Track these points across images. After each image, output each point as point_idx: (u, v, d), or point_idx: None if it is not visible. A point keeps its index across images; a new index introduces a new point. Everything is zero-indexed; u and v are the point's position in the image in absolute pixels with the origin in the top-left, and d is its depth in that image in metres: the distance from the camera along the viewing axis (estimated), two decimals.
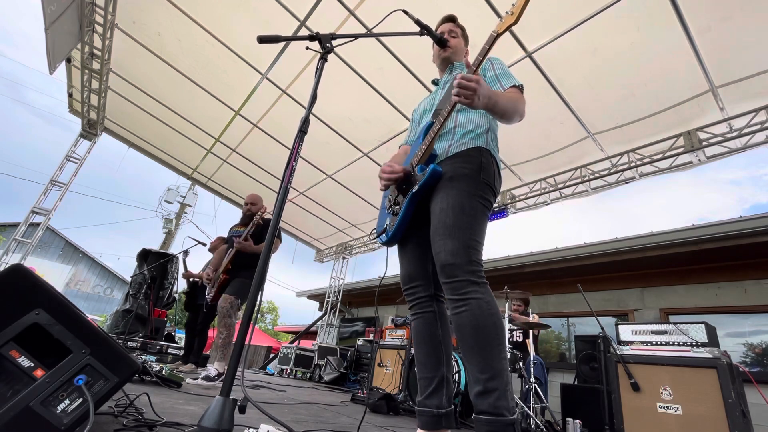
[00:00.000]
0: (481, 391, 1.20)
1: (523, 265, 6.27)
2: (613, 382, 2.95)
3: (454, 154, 1.46)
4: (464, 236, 1.30)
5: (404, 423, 2.69)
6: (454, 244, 1.29)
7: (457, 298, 1.27)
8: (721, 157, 4.30)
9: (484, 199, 1.39)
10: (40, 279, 0.99)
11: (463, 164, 1.42)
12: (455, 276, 1.27)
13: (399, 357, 4.79)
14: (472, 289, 1.26)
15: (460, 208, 1.33)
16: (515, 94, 1.48)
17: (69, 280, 22.27)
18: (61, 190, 5.94)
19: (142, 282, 5.50)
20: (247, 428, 1.25)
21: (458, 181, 1.38)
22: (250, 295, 1.16)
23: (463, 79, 1.23)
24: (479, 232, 1.34)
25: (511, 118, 1.41)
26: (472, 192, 1.36)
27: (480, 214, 1.36)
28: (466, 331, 1.25)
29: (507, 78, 1.57)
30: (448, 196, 1.37)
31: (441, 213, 1.36)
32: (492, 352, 1.21)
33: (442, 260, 1.31)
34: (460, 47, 1.84)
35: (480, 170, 1.41)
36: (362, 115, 5.08)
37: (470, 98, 1.25)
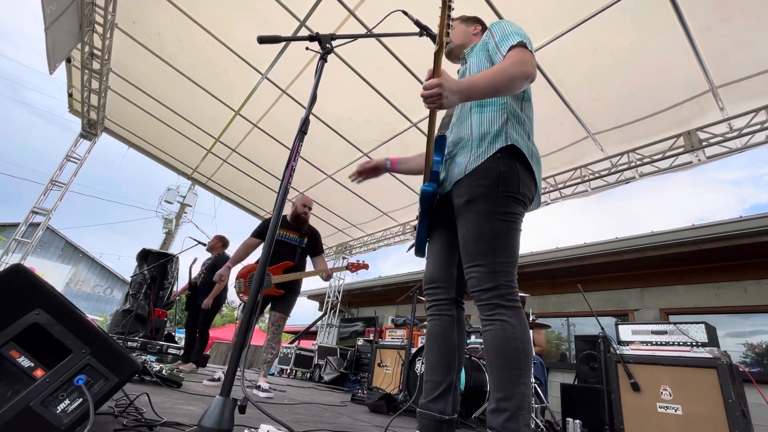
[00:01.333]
0: (494, 409, 1.20)
1: (523, 265, 6.27)
2: (613, 382, 2.95)
3: (471, 171, 1.34)
4: (488, 262, 1.26)
5: (404, 423, 2.69)
6: (480, 272, 1.27)
7: (485, 318, 1.28)
8: (721, 157, 4.30)
9: (506, 214, 1.29)
10: (40, 279, 0.99)
11: (479, 181, 1.32)
12: (482, 300, 1.27)
13: (399, 357, 4.80)
14: (500, 312, 1.24)
15: (479, 234, 1.28)
16: (508, 59, 1.32)
17: (69, 280, 22.27)
18: (61, 190, 5.94)
19: (142, 282, 5.50)
20: (247, 428, 1.25)
21: (475, 203, 1.31)
22: (251, 295, 1.16)
23: (424, 88, 1.20)
24: (505, 253, 1.27)
25: (509, 89, 1.29)
26: (490, 212, 1.28)
27: (503, 233, 1.28)
28: (489, 349, 1.25)
29: (505, 41, 1.39)
30: (467, 221, 1.32)
31: (463, 241, 1.33)
32: (510, 374, 1.20)
33: (470, 286, 1.31)
34: (461, 32, 1.72)
35: (498, 184, 1.30)
36: (362, 115, 5.08)
37: (438, 102, 1.21)
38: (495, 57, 1.41)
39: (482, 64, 1.45)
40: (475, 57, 1.52)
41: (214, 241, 4.85)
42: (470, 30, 1.73)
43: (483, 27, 1.74)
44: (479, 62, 1.47)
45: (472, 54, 1.60)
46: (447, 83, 1.19)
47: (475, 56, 1.52)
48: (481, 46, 1.51)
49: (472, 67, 1.50)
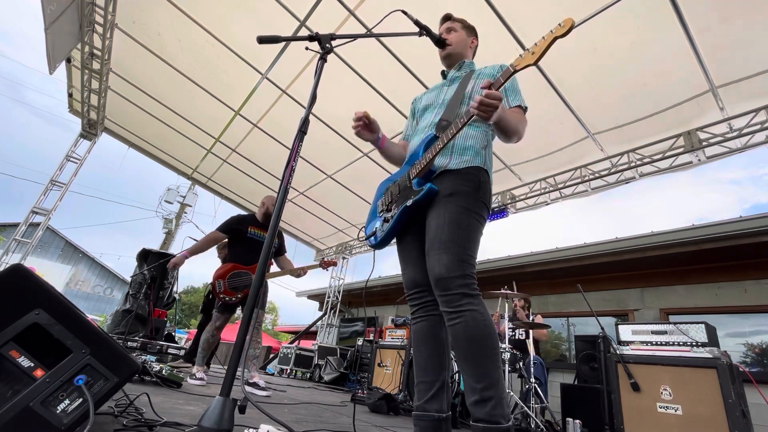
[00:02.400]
0: (477, 400, 1.22)
1: (523, 265, 6.27)
2: (613, 382, 2.95)
3: (455, 170, 1.47)
4: (459, 251, 1.33)
5: (404, 423, 2.69)
6: (449, 259, 1.32)
7: (451, 311, 1.30)
8: (721, 157, 4.30)
9: (479, 215, 1.43)
10: (40, 279, 0.99)
11: (463, 182, 1.44)
12: (449, 289, 1.31)
13: (399, 357, 4.79)
14: (466, 301, 1.29)
15: (457, 224, 1.37)
16: (519, 115, 1.53)
17: (69, 280, 22.27)
18: (61, 190, 5.94)
19: (142, 282, 5.49)
20: (247, 428, 1.25)
21: (457, 197, 1.41)
22: (251, 295, 1.17)
23: (488, 97, 1.24)
24: (473, 248, 1.38)
25: (511, 137, 1.47)
26: (469, 208, 1.40)
27: (475, 230, 1.39)
28: (461, 342, 1.28)
29: (515, 96, 1.58)
30: (446, 211, 1.39)
31: (437, 228, 1.39)
32: (487, 362, 1.24)
33: (436, 274, 1.34)
34: (462, 40, 1.79)
35: (478, 189, 1.45)
36: None
37: (489, 114, 1.26)
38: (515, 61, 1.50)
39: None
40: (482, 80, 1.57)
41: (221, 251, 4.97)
42: (469, 42, 1.83)
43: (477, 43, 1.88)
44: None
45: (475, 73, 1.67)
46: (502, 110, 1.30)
47: (482, 79, 1.58)
48: (491, 75, 1.60)
49: (477, 86, 1.59)
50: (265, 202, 3.73)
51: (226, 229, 3.54)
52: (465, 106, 1.57)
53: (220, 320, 3.37)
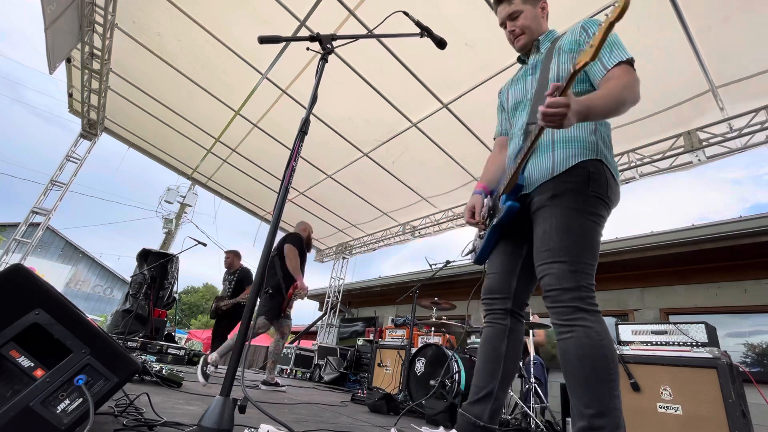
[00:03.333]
0: (585, 427, 1.07)
1: None
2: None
3: (558, 174, 1.27)
4: (571, 259, 1.18)
5: (404, 423, 2.69)
6: (560, 269, 1.18)
7: (562, 324, 1.17)
8: (721, 157, 4.30)
9: (594, 215, 1.23)
10: (40, 279, 0.99)
11: (567, 178, 1.25)
12: (560, 302, 1.17)
13: (399, 357, 4.79)
14: (580, 315, 1.15)
15: (566, 229, 1.20)
16: (619, 80, 1.20)
17: (69, 280, 22.27)
18: (61, 190, 5.94)
19: (142, 282, 5.49)
20: (247, 428, 1.25)
21: (562, 197, 1.23)
22: (250, 295, 1.17)
23: (549, 107, 1.06)
24: (589, 254, 1.20)
25: (619, 112, 1.18)
26: (579, 209, 1.21)
27: (590, 233, 1.21)
28: (570, 359, 1.14)
29: (609, 52, 1.26)
30: (551, 216, 1.23)
31: (544, 235, 1.24)
32: (601, 387, 1.09)
33: (545, 284, 1.21)
34: (532, 18, 1.51)
35: (588, 182, 1.23)
36: (362, 115, 5.08)
37: (559, 123, 1.08)
38: (593, 66, 1.29)
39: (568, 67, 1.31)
40: (564, 56, 1.35)
41: (231, 257, 5.20)
42: (538, 12, 1.53)
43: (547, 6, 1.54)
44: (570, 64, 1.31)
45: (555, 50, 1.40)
46: (573, 104, 1.07)
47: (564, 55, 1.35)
48: (572, 44, 1.34)
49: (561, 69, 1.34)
50: (307, 227, 4.13)
51: (300, 247, 3.83)
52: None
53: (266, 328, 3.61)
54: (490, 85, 4.18)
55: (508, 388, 1.40)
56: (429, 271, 4.73)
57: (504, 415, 3.29)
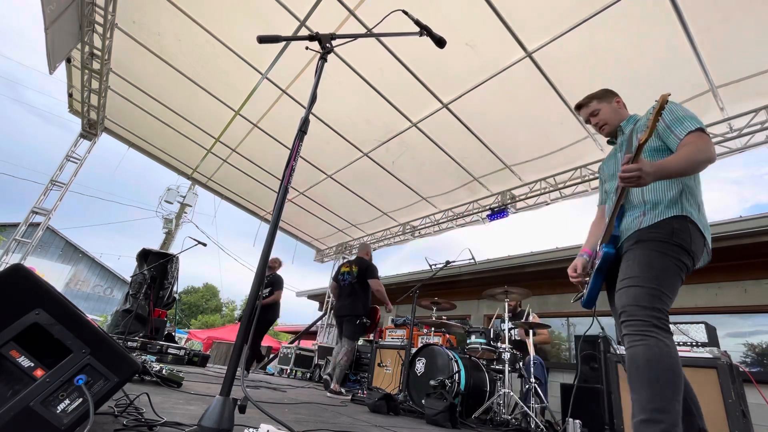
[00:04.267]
0: (646, 419, 1.15)
1: (524, 265, 6.27)
2: (613, 382, 2.95)
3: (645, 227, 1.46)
4: (649, 285, 1.31)
5: (404, 423, 2.68)
6: (638, 291, 1.31)
7: (634, 333, 1.27)
8: (721, 157, 4.30)
9: (676, 259, 1.36)
10: (40, 279, 0.99)
11: (652, 230, 1.43)
12: (636, 316, 1.28)
13: (399, 357, 4.79)
14: (654, 330, 1.25)
15: (647, 262, 1.36)
16: (690, 146, 1.41)
17: (69, 280, 22.27)
18: (61, 190, 5.94)
19: (142, 282, 5.49)
20: (247, 428, 1.25)
21: (646, 243, 1.41)
22: (250, 294, 1.16)
23: (624, 172, 1.31)
24: (666, 286, 1.32)
25: (694, 172, 1.43)
26: (661, 250, 1.37)
27: (670, 271, 1.34)
28: (639, 362, 1.23)
29: (680, 124, 1.50)
30: (635, 255, 1.41)
31: (626, 269, 1.41)
32: (665, 389, 1.18)
33: (622, 304, 1.33)
34: (609, 112, 1.82)
35: (672, 234, 1.40)
36: (362, 115, 5.08)
37: (636, 183, 1.31)
38: (668, 139, 1.52)
39: (652, 141, 1.55)
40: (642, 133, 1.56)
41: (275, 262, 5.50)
42: (614, 105, 1.84)
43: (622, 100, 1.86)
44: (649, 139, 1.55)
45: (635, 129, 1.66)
46: (645, 167, 1.30)
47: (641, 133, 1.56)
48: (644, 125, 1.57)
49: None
50: (368, 251, 4.56)
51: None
52: None
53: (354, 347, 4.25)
54: (490, 85, 4.19)
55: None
56: (429, 271, 4.73)
57: (504, 415, 3.29)
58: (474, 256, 4.14)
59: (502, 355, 3.52)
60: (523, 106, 4.40)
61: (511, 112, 4.52)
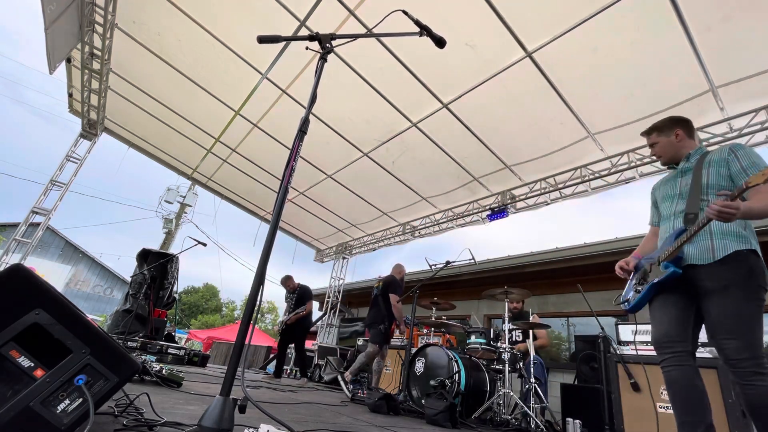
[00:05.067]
0: None
1: (523, 265, 6.27)
2: (613, 382, 2.95)
3: (720, 259, 1.60)
4: (746, 337, 1.50)
5: (404, 423, 2.69)
6: (738, 344, 1.50)
7: (744, 383, 1.49)
8: None
9: (758, 299, 1.55)
10: (40, 279, 0.99)
11: (733, 272, 1.58)
12: (740, 367, 1.49)
13: (399, 357, 4.79)
14: (758, 378, 1.46)
15: (738, 314, 1.53)
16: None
17: (69, 280, 22.26)
18: (61, 190, 5.94)
19: (142, 282, 5.49)
20: (247, 428, 1.25)
21: (732, 289, 1.55)
22: (250, 295, 1.16)
23: (724, 207, 1.43)
24: (759, 331, 1.53)
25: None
26: (747, 297, 1.54)
27: (757, 314, 1.54)
28: (758, 408, 1.46)
29: (756, 169, 1.62)
30: (725, 304, 1.56)
31: (719, 317, 1.56)
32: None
33: (726, 355, 1.53)
34: (666, 145, 1.95)
35: (750, 276, 1.56)
36: (362, 115, 5.08)
37: (727, 219, 1.45)
38: (739, 179, 1.66)
39: (721, 179, 1.72)
40: (713, 168, 1.75)
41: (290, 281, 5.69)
42: (673, 139, 1.95)
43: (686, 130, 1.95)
44: (718, 175, 1.72)
45: (705, 162, 1.80)
46: (741, 207, 1.45)
47: (714, 167, 1.75)
48: (721, 161, 1.74)
49: (711, 177, 1.74)
50: (401, 270, 4.97)
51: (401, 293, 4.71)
52: (705, 198, 1.71)
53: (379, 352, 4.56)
54: (490, 85, 4.19)
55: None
56: (429, 271, 4.73)
57: (504, 415, 3.29)
58: (474, 256, 4.13)
59: (502, 355, 3.52)
60: (523, 106, 4.40)
61: (511, 112, 4.52)
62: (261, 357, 10.62)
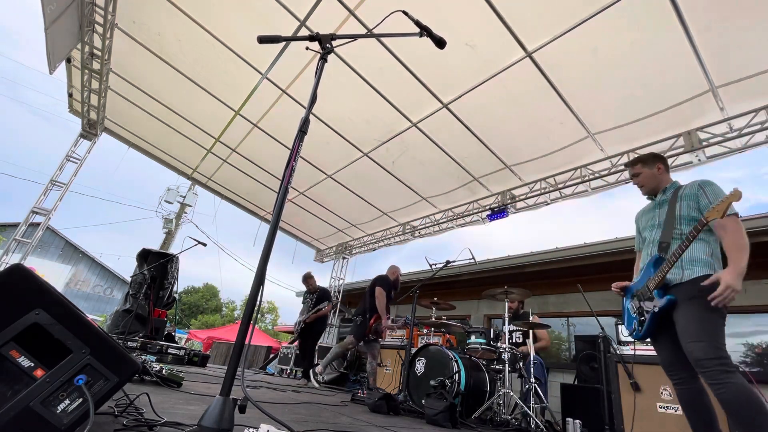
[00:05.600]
0: None
1: (523, 265, 6.27)
2: (613, 382, 2.95)
3: (689, 280, 1.84)
4: (710, 339, 1.67)
5: (404, 423, 2.69)
6: (705, 345, 1.66)
7: (714, 383, 1.61)
8: (721, 157, 4.30)
9: (719, 311, 1.73)
10: (40, 279, 0.99)
11: (697, 286, 1.78)
12: (709, 367, 1.63)
13: (399, 357, 4.79)
14: (726, 376, 1.59)
15: (701, 320, 1.73)
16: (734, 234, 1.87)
17: (69, 280, 22.27)
18: (61, 190, 5.94)
19: (142, 282, 5.48)
20: (247, 428, 1.25)
21: (696, 300, 1.76)
22: (250, 295, 1.16)
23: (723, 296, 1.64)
24: (720, 336, 1.70)
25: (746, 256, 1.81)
26: (708, 307, 1.71)
27: (717, 321, 1.72)
28: (732, 405, 1.57)
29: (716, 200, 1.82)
30: (690, 311, 1.77)
31: (686, 324, 1.76)
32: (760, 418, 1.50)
33: (696, 357, 1.68)
34: (648, 177, 2.19)
35: (712, 291, 1.72)
36: (362, 115, 5.08)
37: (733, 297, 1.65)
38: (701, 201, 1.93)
39: (692, 211, 1.95)
40: (685, 202, 1.99)
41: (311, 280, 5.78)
42: (655, 172, 2.19)
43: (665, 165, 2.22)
44: (689, 207, 1.96)
45: (678, 196, 2.03)
46: (735, 283, 1.68)
47: (685, 201, 1.99)
48: (691, 195, 1.97)
49: (683, 210, 1.98)
50: (396, 271, 4.96)
51: (387, 289, 4.70)
52: (678, 227, 1.96)
53: (354, 345, 4.64)
54: (490, 85, 4.19)
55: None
56: (429, 271, 4.73)
57: (504, 415, 3.29)
58: (474, 256, 4.13)
59: (502, 355, 3.52)
60: (523, 106, 4.40)
61: (511, 112, 4.52)
62: (261, 357, 10.62)
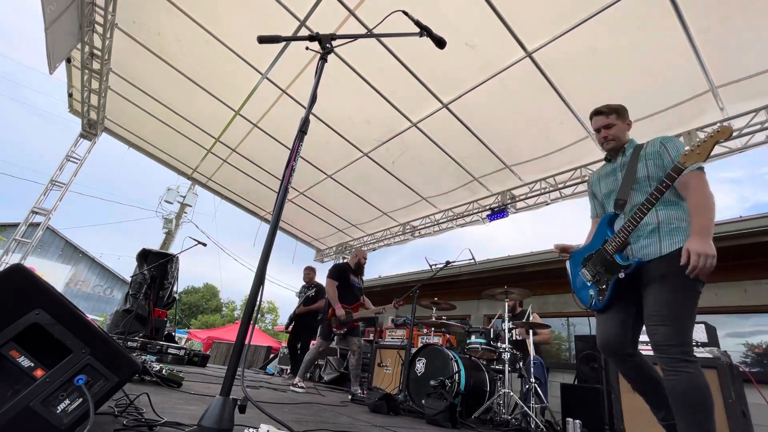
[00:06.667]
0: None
1: (523, 265, 6.27)
2: (613, 382, 2.95)
3: (667, 254, 1.64)
4: (677, 324, 1.54)
5: (404, 423, 2.68)
6: (668, 330, 1.53)
7: (669, 369, 1.52)
8: (721, 157, 4.30)
9: (694, 290, 1.58)
10: (40, 279, 0.99)
11: (673, 263, 1.59)
12: (666, 353, 1.52)
13: (399, 357, 4.79)
14: (683, 364, 1.49)
15: (673, 301, 1.57)
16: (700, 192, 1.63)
17: (69, 280, 22.27)
18: (61, 190, 5.94)
19: (142, 282, 5.48)
20: (247, 428, 1.25)
21: (671, 278, 1.59)
22: (250, 295, 1.16)
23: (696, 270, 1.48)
24: (690, 318, 1.57)
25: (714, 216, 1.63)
26: (683, 286, 1.57)
27: (690, 302, 1.58)
28: (677, 394, 1.49)
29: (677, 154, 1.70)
30: (661, 291, 1.60)
31: (654, 304, 1.60)
32: (699, 415, 1.44)
33: (656, 341, 1.56)
34: (621, 130, 1.96)
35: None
36: (362, 115, 5.08)
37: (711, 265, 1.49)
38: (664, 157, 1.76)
39: (658, 171, 1.76)
40: (651, 162, 1.80)
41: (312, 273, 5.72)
42: (626, 126, 1.99)
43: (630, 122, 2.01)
44: (656, 169, 1.77)
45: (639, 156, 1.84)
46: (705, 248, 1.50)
47: (651, 161, 1.80)
48: (655, 154, 1.79)
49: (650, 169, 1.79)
50: (357, 254, 4.58)
51: (336, 276, 4.33)
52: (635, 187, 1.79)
53: (323, 346, 4.23)
54: (490, 85, 4.19)
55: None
56: (429, 271, 4.73)
57: (504, 415, 3.29)
58: (474, 256, 4.13)
59: (502, 355, 3.52)
60: (524, 106, 4.40)
61: (511, 112, 4.52)
62: (261, 357, 10.62)
